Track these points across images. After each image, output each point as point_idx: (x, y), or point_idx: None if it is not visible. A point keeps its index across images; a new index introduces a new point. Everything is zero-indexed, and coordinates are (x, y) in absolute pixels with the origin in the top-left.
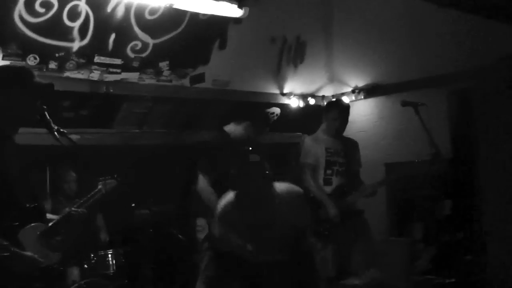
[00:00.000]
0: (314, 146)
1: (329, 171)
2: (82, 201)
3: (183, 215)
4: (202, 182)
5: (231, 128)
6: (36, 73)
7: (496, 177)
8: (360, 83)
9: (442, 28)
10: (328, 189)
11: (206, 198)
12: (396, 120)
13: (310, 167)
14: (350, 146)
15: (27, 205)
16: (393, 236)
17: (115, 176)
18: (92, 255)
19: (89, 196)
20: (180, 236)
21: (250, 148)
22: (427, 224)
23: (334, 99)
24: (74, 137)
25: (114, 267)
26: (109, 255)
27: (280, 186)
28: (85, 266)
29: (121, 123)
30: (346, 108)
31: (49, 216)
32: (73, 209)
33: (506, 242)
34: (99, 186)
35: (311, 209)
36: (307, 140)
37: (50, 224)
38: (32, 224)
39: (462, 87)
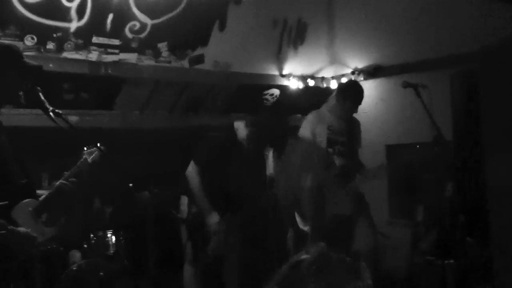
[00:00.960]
0: (315, 123)
1: (330, 150)
2: (69, 172)
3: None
4: (192, 168)
5: (240, 126)
6: (33, 53)
7: (500, 159)
8: (361, 64)
9: (444, 9)
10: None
11: (192, 184)
12: (397, 101)
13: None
14: (353, 125)
15: (19, 182)
16: (394, 218)
17: (99, 145)
18: (92, 235)
19: (75, 167)
20: (179, 216)
21: None
22: (428, 206)
23: (350, 80)
24: (73, 118)
25: (114, 248)
26: (109, 236)
27: None
28: (85, 246)
29: (121, 105)
30: (362, 91)
31: (39, 192)
32: (61, 181)
33: (508, 224)
34: (84, 156)
35: None
36: (309, 116)
37: (41, 199)
38: (24, 201)
39: (465, 69)
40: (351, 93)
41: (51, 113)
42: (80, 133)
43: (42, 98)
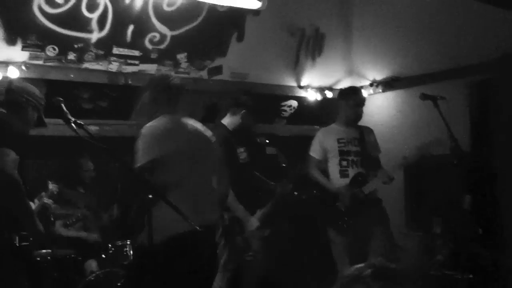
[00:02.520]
0: (324, 139)
1: (344, 163)
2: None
3: None
4: None
5: (228, 121)
6: (54, 63)
7: None
8: (379, 76)
9: (462, 19)
10: (345, 181)
11: None
12: (415, 113)
13: (315, 161)
14: (365, 132)
15: None
16: (411, 230)
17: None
18: (110, 245)
19: None
20: (198, 228)
21: (267, 141)
22: (446, 218)
23: (347, 87)
24: (92, 128)
25: (132, 258)
26: (127, 246)
27: None
28: (103, 256)
29: (139, 114)
30: (360, 92)
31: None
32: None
33: None
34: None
35: (327, 204)
36: (318, 133)
37: None
38: None
39: (482, 79)
40: (348, 94)
41: (73, 124)
42: (100, 142)
43: (64, 109)
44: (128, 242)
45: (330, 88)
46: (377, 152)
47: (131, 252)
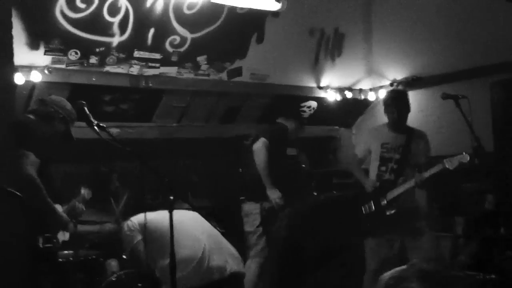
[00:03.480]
0: (369, 140)
1: (383, 168)
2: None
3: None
4: (262, 144)
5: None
6: (76, 67)
7: None
8: (399, 76)
9: (483, 18)
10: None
11: (259, 158)
12: (436, 112)
13: (357, 159)
14: (415, 138)
15: None
16: (433, 230)
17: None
18: None
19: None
20: (219, 229)
21: None
22: (468, 218)
23: (392, 89)
24: (114, 130)
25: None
26: None
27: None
28: (124, 257)
29: (160, 116)
30: (401, 96)
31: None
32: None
33: None
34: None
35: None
36: (366, 133)
37: None
38: None
39: (504, 78)
40: (392, 101)
41: (95, 127)
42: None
43: (87, 112)
44: None
45: (350, 89)
46: (422, 159)
47: None
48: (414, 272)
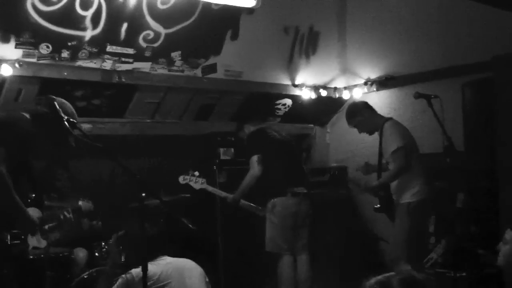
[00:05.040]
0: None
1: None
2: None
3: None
4: None
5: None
6: (47, 61)
7: None
8: (373, 75)
9: (456, 19)
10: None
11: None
12: (409, 112)
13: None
14: (383, 132)
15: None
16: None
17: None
18: (103, 244)
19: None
20: (191, 226)
21: None
22: (439, 217)
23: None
24: (86, 126)
25: (125, 256)
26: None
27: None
28: (96, 254)
29: (133, 112)
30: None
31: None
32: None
33: None
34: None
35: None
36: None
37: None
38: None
39: (476, 79)
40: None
41: (66, 122)
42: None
43: (58, 107)
44: None
45: (325, 87)
46: (385, 154)
47: None
48: (398, 278)
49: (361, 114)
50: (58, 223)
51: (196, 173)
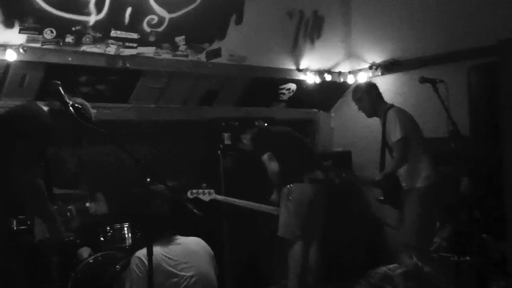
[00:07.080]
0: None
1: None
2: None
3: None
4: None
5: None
6: (52, 46)
7: None
8: (378, 59)
9: (461, 2)
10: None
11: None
12: (414, 96)
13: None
14: (387, 120)
15: None
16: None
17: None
18: (108, 228)
19: None
20: (196, 211)
21: (266, 124)
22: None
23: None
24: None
25: (130, 240)
26: (125, 228)
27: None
28: (101, 239)
29: (137, 98)
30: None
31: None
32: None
33: None
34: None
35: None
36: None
37: None
38: None
39: (482, 63)
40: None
41: (71, 108)
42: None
43: (62, 92)
44: (126, 225)
45: (329, 71)
46: (391, 140)
47: (129, 234)
48: (401, 271)
49: (361, 96)
50: (65, 219)
51: (204, 185)
